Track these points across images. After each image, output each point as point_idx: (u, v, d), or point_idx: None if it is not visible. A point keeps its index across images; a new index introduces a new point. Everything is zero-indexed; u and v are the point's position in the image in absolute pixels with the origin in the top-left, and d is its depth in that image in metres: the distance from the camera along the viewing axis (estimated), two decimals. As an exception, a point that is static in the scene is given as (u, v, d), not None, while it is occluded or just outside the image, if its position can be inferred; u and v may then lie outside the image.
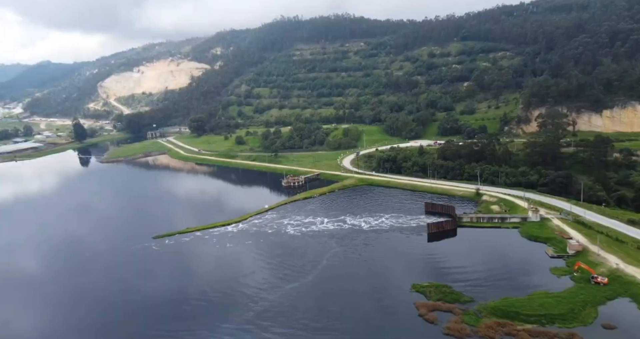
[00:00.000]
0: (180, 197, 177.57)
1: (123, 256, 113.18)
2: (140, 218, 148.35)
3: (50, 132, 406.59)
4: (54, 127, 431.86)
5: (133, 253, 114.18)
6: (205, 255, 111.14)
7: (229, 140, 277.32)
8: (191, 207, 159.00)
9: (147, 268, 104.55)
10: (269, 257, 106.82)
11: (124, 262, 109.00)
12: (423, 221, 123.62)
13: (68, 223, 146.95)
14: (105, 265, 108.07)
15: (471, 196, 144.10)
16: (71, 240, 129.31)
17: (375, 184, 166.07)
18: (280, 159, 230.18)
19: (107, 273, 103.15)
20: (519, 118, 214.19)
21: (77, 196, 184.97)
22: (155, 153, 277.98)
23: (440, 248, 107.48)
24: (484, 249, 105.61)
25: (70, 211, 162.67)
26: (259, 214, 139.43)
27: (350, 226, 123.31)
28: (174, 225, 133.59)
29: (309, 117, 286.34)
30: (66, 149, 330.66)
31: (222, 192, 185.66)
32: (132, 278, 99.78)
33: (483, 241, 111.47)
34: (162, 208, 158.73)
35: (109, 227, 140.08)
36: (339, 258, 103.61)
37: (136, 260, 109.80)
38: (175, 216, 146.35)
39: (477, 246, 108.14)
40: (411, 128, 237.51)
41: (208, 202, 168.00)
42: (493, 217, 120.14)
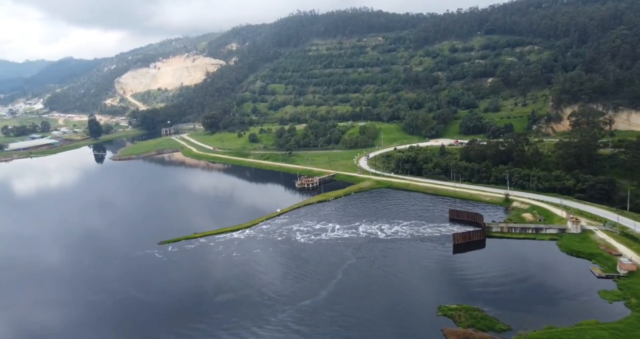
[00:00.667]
0: (190, 198, 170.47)
1: (123, 264, 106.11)
2: (148, 221, 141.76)
3: (67, 128, 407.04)
4: (71, 123, 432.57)
5: (135, 261, 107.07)
6: (209, 266, 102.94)
7: (243, 138, 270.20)
8: (201, 210, 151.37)
9: (146, 280, 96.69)
10: (278, 269, 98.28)
11: (123, 272, 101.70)
12: (447, 230, 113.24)
13: (71, 226, 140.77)
14: (101, 275, 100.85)
15: (500, 202, 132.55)
16: (72, 245, 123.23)
17: (393, 187, 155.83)
18: (294, 158, 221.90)
19: (99, 284, 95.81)
20: (548, 116, 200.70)
21: (84, 196, 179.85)
22: (168, 151, 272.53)
23: (468, 262, 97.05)
24: (518, 264, 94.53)
25: (75, 212, 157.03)
26: (270, 218, 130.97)
27: (366, 235, 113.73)
28: (181, 229, 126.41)
29: (324, 115, 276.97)
30: (81, 145, 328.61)
31: (233, 193, 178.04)
32: (129, 289, 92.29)
33: (516, 254, 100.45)
34: (170, 210, 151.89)
35: (115, 230, 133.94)
36: (355, 271, 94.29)
37: (136, 270, 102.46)
38: (184, 219, 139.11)
39: (510, 260, 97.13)
40: (431, 126, 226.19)
41: (219, 204, 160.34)
42: (526, 227, 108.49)
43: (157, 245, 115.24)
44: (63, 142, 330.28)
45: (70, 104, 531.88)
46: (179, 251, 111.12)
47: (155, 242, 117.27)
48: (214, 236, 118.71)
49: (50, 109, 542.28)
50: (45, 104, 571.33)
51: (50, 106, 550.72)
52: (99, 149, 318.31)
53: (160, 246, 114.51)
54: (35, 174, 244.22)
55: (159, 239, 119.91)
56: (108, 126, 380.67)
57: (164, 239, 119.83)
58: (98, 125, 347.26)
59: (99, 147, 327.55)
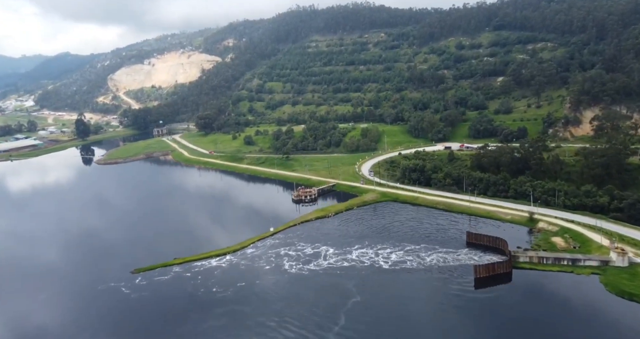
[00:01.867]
0: (176, 212, 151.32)
1: (81, 302, 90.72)
2: (125, 242, 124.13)
3: (55, 127, 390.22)
4: (61, 122, 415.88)
5: (96, 298, 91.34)
6: (183, 305, 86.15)
7: (238, 140, 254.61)
8: (186, 227, 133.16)
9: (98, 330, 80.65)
10: (267, 311, 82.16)
11: (77, 313, 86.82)
12: (466, 258, 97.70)
13: (35, 249, 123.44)
14: (51, 317, 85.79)
15: (523, 221, 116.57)
16: (31, 274, 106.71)
17: (400, 200, 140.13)
18: (292, 163, 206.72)
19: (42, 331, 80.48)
20: (566, 119, 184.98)
21: (57, 209, 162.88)
22: (157, 153, 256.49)
23: (494, 304, 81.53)
24: (557, 308, 78.08)
25: (40, 230, 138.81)
26: (261, 239, 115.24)
27: (370, 263, 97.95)
28: (160, 252, 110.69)
29: (324, 115, 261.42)
30: (67, 147, 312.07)
31: (223, 205, 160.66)
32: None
33: (551, 294, 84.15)
34: (152, 228, 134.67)
35: (86, 253, 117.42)
36: (361, 315, 78.65)
37: (92, 311, 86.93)
38: (166, 239, 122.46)
39: (544, 302, 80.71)
40: (438, 129, 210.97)
41: (207, 220, 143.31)
42: (561, 257, 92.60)
43: (129, 274, 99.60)
44: (48, 144, 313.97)
45: (61, 101, 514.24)
46: (149, 284, 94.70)
47: (128, 270, 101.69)
48: (194, 263, 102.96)
49: (41, 106, 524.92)
50: (36, 101, 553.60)
51: (41, 103, 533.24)
52: (87, 151, 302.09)
53: (132, 276, 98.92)
54: (6, 180, 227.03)
55: (134, 265, 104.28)
56: (97, 125, 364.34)
57: (139, 265, 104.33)
58: (86, 125, 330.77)
59: (87, 148, 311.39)
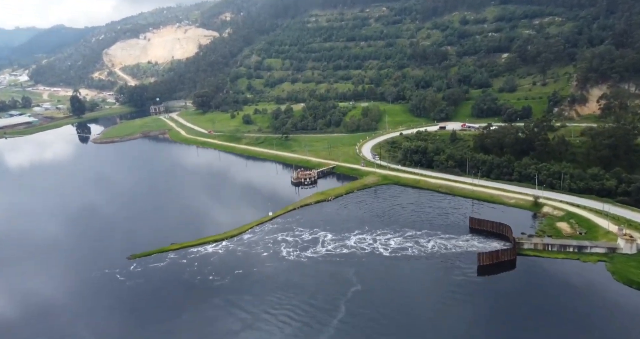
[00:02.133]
0: (174, 194, 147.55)
1: (73, 290, 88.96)
2: (122, 225, 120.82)
3: (50, 104, 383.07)
4: (56, 98, 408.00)
5: (88, 285, 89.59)
6: (178, 296, 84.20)
7: (236, 118, 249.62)
8: (184, 210, 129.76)
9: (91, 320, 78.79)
10: (265, 301, 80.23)
11: (69, 303, 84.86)
12: (468, 244, 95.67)
13: (29, 232, 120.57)
14: (44, 305, 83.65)
15: (527, 206, 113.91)
16: (24, 256, 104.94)
17: (401, 183, 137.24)
18: (291, 143, 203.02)
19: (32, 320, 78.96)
20: (572, 97, 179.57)
21: (52, 190, 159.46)
22: (154, 132, 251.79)
23: (498, 293, 79.79)
24: (562, 297, 76.41)
25: (35, 212, 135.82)
26: (260, 224, 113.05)
27: (371, 250, 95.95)
28: (157, 237, 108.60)
29: (323, 94, 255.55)
30: (62, 124, 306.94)
31: (222, 187, 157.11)
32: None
33: (556, 282, 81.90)
34: (150, 211, 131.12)
35: (83, 237, 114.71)
36: (362, 304, 77.02)
37: (85, 301, 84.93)
38: (163, 223, 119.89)
39: (549, 291, 78.88)
40: (440, 108, 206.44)
41: (206, 202, 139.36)
42: (566, 244, 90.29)
43: (125, 260, 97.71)
44: (43, 121, 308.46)
45: (56, 77, 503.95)
46: (144, 271, 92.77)
47: (123, 255, 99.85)
48: (190, 249, 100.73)
49: (36, 81, 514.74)
50: (30, 76, 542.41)
51: (35, 79, 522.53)
52: (83, 129, 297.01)
53: (127, 262, 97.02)
54: (1, 159, 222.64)
55: (130, 249, 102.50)
56: (93, 102, 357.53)
57: (135, 248, 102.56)
58: (81, 102, 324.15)
59: (83, 126, 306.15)
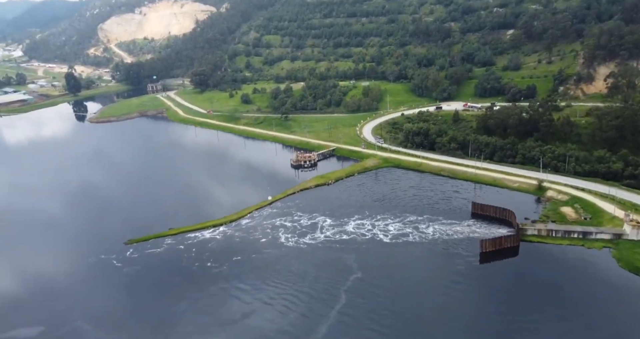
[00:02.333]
0: (172, 177, 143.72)
1: (69, 277, 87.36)
2: (120, 209, 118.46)
3: (46, 80, 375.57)
4: (52, 75, 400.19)
5: (83, 272, 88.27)
6: (175, 283, 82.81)
7: (234, 98, 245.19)
8: (182, 194, 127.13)
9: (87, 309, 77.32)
10: (263, 290, 79.05)
11: (65, 290, 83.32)
12: (470, 230, 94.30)
13: (25, 213, 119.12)
14: (36, 294, 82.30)
15: (531, 190, 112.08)
16: (19, 239, 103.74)
17: (403, 166, 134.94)
18: (291, 123, 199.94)
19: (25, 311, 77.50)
20: (578, 76, 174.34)
21: (49, 171, 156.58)
22: (152, 112, 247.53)
23: (500, 281, 78.77)
24: (566, 286, 75.38)
25: (32, 194, 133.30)
26: (259, 208, 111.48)
27: (371, 236, 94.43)
28: (153, 220, 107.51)
29: (324, 72, 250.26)
30: (58, 102, 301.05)
31: (219, 171, 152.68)
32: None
33: (560, 270, 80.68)
34: (148, 194, 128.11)
35: (81, 220, 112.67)
36: (363, 294, 75.91)
37: (82, 288, 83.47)
38: (159, 207, 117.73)
39: (552, 278, 77.68)
40: (443, 88, 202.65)
41: (202, 186, 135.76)
42: (571, 230, 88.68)
43: (122, 245, 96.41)
44: (38, 99, 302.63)
45: (50, 52, 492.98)
46: (141, 257, 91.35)
47: (121, 240, 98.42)
48: (188, 235, 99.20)
49: (30, 57, 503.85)
50: (24, 51, 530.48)
51: (29, 54, 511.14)
52: (79, 108, 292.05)
53: (125, 247, 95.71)
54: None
55: (127, 233, 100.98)
56: (89, 80, 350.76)
57: (132, 232, 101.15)
58: (76, 80, 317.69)
59: (79, 104, 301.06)
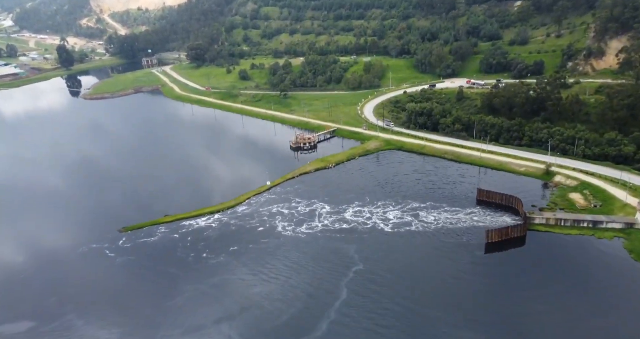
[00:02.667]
0: (167, 158, 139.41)
1: (57, 269, 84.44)
2: (111, 191, 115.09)
3: (37, 52, 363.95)
4: (43, 47, 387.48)
5: (74, 262, 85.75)
6: (171, 275, 79.93)
7: (232, 74, 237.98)
8: (179, 178, 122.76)
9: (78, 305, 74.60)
10: (260, 284, 76.55)
11: (52, 283, 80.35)
12: (475, 219, 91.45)
13: (15, 194, 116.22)
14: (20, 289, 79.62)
15: (538, 174, 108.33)
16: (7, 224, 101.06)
17: (405, 149, 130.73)
18: (290, 101, 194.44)
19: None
20: (588, 50, 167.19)
21: (44, 152, 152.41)
22: (147, 88, 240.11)
23: (506, 274, 76.37)
24: (574, 279, 73.11)
25: (23, 177, 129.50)
26: (257, 194, 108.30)
27: (372, 225, 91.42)
28: (148, 206, 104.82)
29: (323, 47, 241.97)
30: (51, 76, 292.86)
31: (217, 153, 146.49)
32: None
33: (568, 262, 77.83)
34: (143, 178, 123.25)
35: (76, 206, 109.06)
36: (364, 288, 73.49)
37: (71, 280, 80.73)
38: (154, 191, 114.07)
39: (560, 271, 75.29)
40: (447, 64, 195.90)
41: (200, 169, 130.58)
42: (580, 219, 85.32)
43: (116, 233, 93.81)
44: (30, 72, 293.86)
45: (42, 22, 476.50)
46: (134, 247, 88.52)
47: (113, 226, 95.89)
48: (182, 223, 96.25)
49: (21, 27, 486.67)
50: (14, 21, 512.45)
51: (20, 24, 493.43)
52: (73, 82, 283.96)
53: (118, 235, 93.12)
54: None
55: (122, 219, 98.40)
56: (82, 52, 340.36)
57: (126, 217, 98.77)
58: (69, 53, 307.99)
59: (73, 79, 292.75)
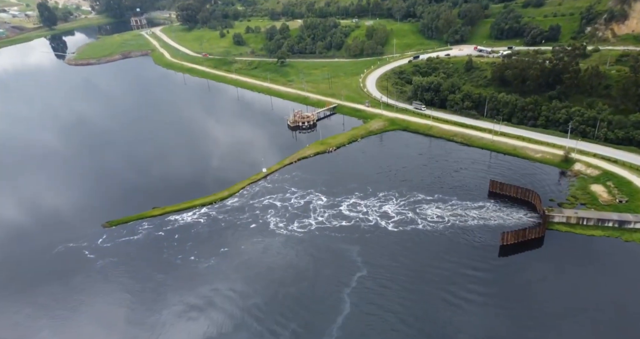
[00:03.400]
0: (155, 140, 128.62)
1: (28, 268, 77.88)
2: (99, 184, 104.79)
3: (18, 9, 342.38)
4: (24, 2, 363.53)
5: (50, 263, 78.91)
6: (156, 284, 73.34)
7: (226, 38, 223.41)
8: (168, 162, 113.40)
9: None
10: (254, 292, 70.27)
11: (23, 291, 73.42)
12: (488, 215, 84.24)
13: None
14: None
15: (555, 161, 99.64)
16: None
17: (411, 129, 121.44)
18: (287, 69, 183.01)
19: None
20: (610, 13, 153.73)
21: (17, 134, 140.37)
22: (136, 53, 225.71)
23: (523, 284, 69.24)
24: (597, 291, 66.39)
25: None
26: (252, 183, 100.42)
27: (375, 222, 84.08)
28: (135, 197, 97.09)
29: (323, 8, 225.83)
30: (33, 37, 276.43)
31: (211, 132, 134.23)
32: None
33: (591, 269, 70.63)
34: (129, 165, 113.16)
35: (57, 197, 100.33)
36: (369, 299, 67.25)
37: (41, 289, 73.34)
38: (141, 181, 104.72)
39: (581, 280, 68.56)
40: (455, 29, 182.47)
41: (190, 152, 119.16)
42: (605, 219, 77.22)
43: (98, 228, 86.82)
44: (10, 32, 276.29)
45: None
46: (115, 247, 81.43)
47: (99, 221, 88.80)
48: (169, 218, 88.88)
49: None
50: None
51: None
52: (58, 44, 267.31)
53: (102, 231, 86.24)
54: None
55: (106, 212, 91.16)
56: (66, 10, 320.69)
57: (111, 212, 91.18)
58: (51, 11, 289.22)
59: (57, 39, 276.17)
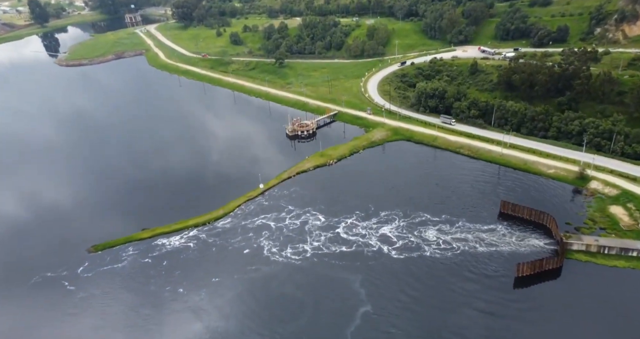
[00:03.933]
0: (147, 151, 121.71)
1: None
2: (87, 203, 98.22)
3: (9, 5, 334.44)
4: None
5: (24, 299, 72.31)
6: (143, 321, 67.42)
7: (223, 37, 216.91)
8: (159, 176, 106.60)
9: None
10: (244, 327, 65.10)
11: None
12: (500, 240, 78.63)
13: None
14: None
15: (570, 178, 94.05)
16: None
17: (415, 140, 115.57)
18: (285, 70, 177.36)
19: None
20: (621, 13, 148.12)
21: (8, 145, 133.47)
22: (129, 53, 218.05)
23: (540, 325, 63.69)
24: (620, 331, 61.15)
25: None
26: (248, 200, 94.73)
27: (378, 248, 78.35)
28: (122, 218, 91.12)
29: (323, 5, 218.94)
30: (24, 35, 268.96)
31: (206, 144, 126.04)
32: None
33: (613, 306, 64.90)
34: (119, 182, 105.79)
35: (40, 218, 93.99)
36: (374, 335, 62.11)
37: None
38: (130, 199, 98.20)
39: (603, 319, 63.20)
40: (459, 29, 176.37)
41: (183, 168, 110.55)
42: (629, 248, 71.76)
43: (84, 253, 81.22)
44: (1, 29, 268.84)
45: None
46: (97, 276, 75.56)
47: (83, 244, 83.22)
48: (157, 241, 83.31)
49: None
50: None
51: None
52: (50, 43, 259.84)
53: (85, 257, 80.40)
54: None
55: (94, 237, 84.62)
56: (59, 6, 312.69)
57: (99, 235, 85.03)
58: (42, 7, 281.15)
59: (49, 37, 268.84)
